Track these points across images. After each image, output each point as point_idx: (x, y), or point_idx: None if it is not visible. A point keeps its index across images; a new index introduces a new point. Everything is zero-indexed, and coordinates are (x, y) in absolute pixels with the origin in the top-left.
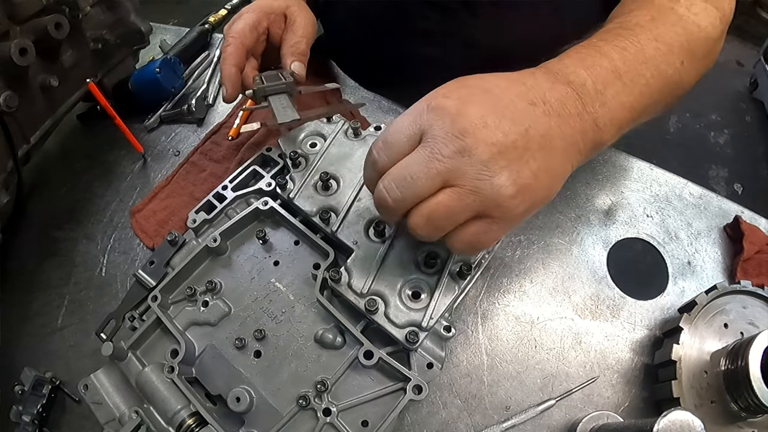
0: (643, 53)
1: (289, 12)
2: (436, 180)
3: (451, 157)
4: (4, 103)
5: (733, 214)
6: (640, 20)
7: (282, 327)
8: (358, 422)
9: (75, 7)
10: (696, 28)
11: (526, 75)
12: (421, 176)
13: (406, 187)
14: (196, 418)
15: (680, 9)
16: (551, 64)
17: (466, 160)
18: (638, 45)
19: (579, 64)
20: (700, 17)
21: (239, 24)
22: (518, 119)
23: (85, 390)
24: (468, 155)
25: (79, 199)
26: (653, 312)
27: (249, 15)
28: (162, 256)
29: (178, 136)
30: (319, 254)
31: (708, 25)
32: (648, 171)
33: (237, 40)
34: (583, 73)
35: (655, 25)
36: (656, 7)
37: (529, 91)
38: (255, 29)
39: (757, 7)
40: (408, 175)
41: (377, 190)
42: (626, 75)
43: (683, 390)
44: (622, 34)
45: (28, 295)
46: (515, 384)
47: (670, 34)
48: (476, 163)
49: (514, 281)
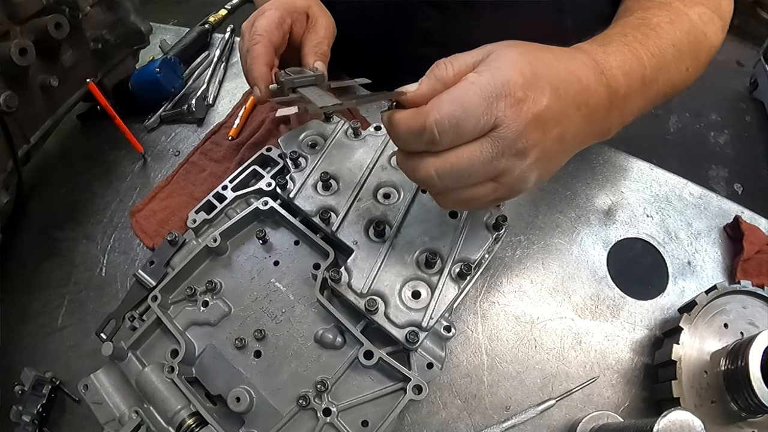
0: (663, 60)
1: (311, 12)
2: (488, 177)
3: (510, 160)
4: (4, 103)
5: (733, 214)
6: (661, 21)
7: (282, 327)
8: (358, 422)
9: (75, 7)
10: (703, 37)
11: (581, 65)
12: (479, 176)
13: (461, 181)
14: (196, 418)
15: (693, 15)
16: (600, 56)
17: (519, 163)
18: (662, 51)
19: (621, 66)
20: (707, 26)
21: (264, 21)
22: (567, 126)
23: (85, 390)
24: (523, 159)
25: (79, 199)
26: (653, 312)
27: (273, 12)
28: (162, 256)
29: (178, 136)
30: (319, 254)
31: (712, 34)
32: (648, 171)
33: (265, 38)
34: (622, 80)
35: (674, 29)
36: (673, 10)
37: (580, 93)
38: (281, 27)
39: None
40: (468, 172)
41: (426, 173)
42: (648, 82)
43: (683, 390)
44: (650, 36)
45: (28, 295)
46: (515, 384)
47: (683, 41)
48: (525, 167)
49: (514, 281)
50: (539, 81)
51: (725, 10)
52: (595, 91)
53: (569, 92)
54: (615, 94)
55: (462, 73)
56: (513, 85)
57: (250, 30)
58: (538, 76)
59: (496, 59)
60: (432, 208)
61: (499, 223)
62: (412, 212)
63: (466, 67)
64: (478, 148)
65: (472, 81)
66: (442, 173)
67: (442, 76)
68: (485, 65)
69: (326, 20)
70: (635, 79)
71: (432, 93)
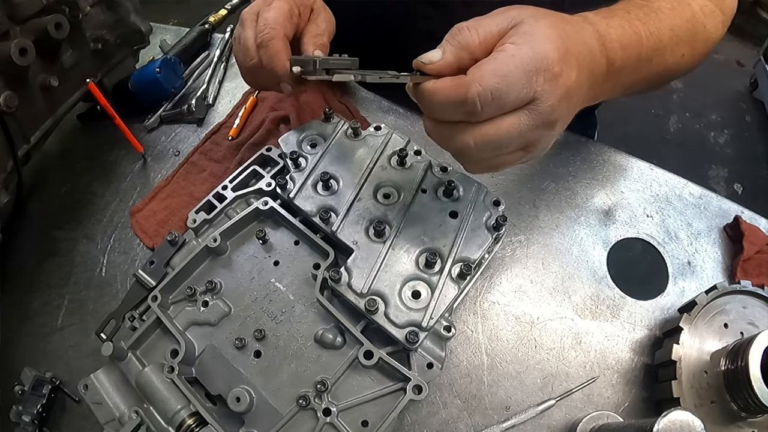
0: (660, 41)
1: (316, 5)
2: (522, 146)
3: (540, 130)
4: (4, 103)
5: (733, 214)
6: (662, 6)
7: (282, 327)
8: (358, 422)
9: (75, 7)
10: (702, 28)
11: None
12: (514, 146)
13: (497, 150)
14: (196, 418)
15: (695, 6)
16: (603, 27)
17: (547, 133)
18: (659, 33)
19: (620, 39)
20: (708, 18)
21: (273, 13)
22: (582, 97)
23: (85, 390)
24: (552, 129)
25: (79, 199)
26: (653, 312)
27: (282, 4)
28: (162, 256)
29: (178, 136)
30: (319, 254)
31: (712, 27)
32: (648, 171)
33: (279, 32)
34: (619, 53)
35: (675, 15)
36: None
37: (590, 64)
38: (291, 19)
39: (757, 7)
40: (506, 142)
41: (465, 145)
42: (643, 60)
43: (683, 390)
44: (650, 17)
45: (28, 295)
46: (515, 384)
47: (682, 27)
48: (549, 136)
49: (514, 281)
50: (570, 56)
51: (728, 5)
52: (599, 61)
53: (585, 64)
54: (612, 65)
55: (489, 40)
56: (551, 60)
57: (256, 21)
58: (569, 51)
59: (531, 32)
60: (432, 208)
61: (499, 223)
62: (412, 212)
63: (492, 34)
64: (517, 120)
65: (512, 53)
66: (480, 144)
67: (467, 42)
68: (520, 37)
69: (328, 15)
70: (631, 54)
71: (458, 62)
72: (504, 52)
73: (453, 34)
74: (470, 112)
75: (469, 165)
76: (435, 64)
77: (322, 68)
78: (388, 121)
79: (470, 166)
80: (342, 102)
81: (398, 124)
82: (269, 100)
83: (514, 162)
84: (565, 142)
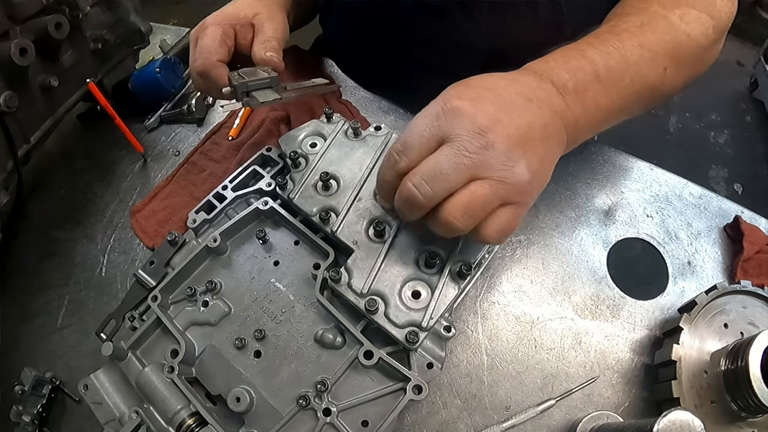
0: (625, 59)
1: (257, 20)
2: (465, 174)
3: (477, 153)
4: (4, 103)
5: (733, 214)
6: (629, 26)
7: (282, 327)
8: (358, 422)
9: (75, 7)
10: (685, 37)
11: (517, 74)
12: (452, 172)
13: (437, 182)
14: (196, 418)
15: (673, 17)
16: (536, 65)
17: (490, 153)
18: (622, 51)
19: (562, 66)
20: (692, 26)
21: (206, 41)
22: (522, 114)
23: (85, 390)
24: (491, 149)
25: (79, 199)
26: (653, 312)
27: (214, 29)
28: (162, 256)
29: (178, 136)
30: (319, 254)
31: (699, 34)
32: (648, 171)
33: (212, 60)
34: (565, 75)
35: (643, 31)
36: (648, 14)
37: (523, 89)
38: (224, 43)
39: (757, 7)
40: (438, 171)
41: (405, 188)
42: (606, 79)
43: (683, 390)
44: (609, 39)
45: (28, 295)
46: (515, 384)
47: (657, 41)
48: (499, 155)
49: (514, 281)
50: (471, 87)
51: (719, 8)
52: (538, 87)
53: (509, 90)
54: (564, 87)
55: None
56: (448, 96)
57: (195, 47)
58: (470, 84)
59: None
60: None
61: None
62: None
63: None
64: (440, 152)
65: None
66: (416, 180)
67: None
68: None
69: (275, 24)
70: (584, 75)
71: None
72: None
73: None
74: (394, 163)
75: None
76: None
77: (242, 91)
78: (388, 121)
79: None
80: (342, 102)
81: (398, 124)
82: None
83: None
84: None
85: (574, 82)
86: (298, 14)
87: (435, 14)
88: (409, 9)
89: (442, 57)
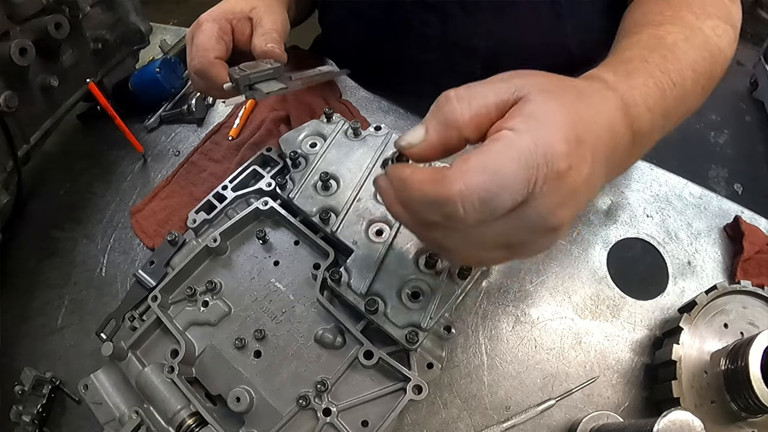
0: (684, 89)
1: (254, 14)
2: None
3: (533, 236)
4: (4, 103)
5: (733, 214)
6: (677, 39)
7: (282, 327)
8: (358, 422)
9: (75, 7)
10: (717, 51)
11: (614, 112)
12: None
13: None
14: (196, 418)
15: (706, 29)
16: (626, 91)
17: (543, 238)
18: (683, 78)
19: (645, 102)
20: (722, 39)
21: (202, 38)
22: (595, 189)
23: (85, 390)
24: (550, 235)
25: (79, 199)
26: (653, 312)
27: (210, 25)
28: (162, 256)
29: (178, 136)
30: (319, 254)
31: (727, 46)
32: (648, 171)
33: (209, 57)
34: (646, 117)
35: (690, 47)
36: (687, 25)
37: (611, 145)
38: (221, 39)
39: (757, 7)
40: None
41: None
42: (669, 116)
43: (683, 390)
44: (668, 58)
45: (28, 295)
46: (515, 384)
47: (701, 62)
48: (549, 241)
49: (514, 281)
50: (583, 148)
51: (736, 18)
52: (623, 136)
53: (603, 151)
54: (638, 134)
55: (482, 116)
56: (557, 155)
57: (191, 45)
58: (583, 141)
59: (536, 116)
60: None
61: None
62: None
63: (487, 110)
64: (503, 223)
65: (509, 144)
66: (459, 245)
67: (454, 120)
68: (523, 121)
69: (274, 17)
70: (658, 116)
71: (442, 144)
72: (498, 142)
73: (439, 105)
74: (451, 215)
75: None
76: (417, 147)
77: (244, 85)
78: (388, 121)
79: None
80: (342, 102)
81: (398, 124)
82: (269, 100)
83: (498, 261)
84: None
85: (649, 126)
86: (297, 10)
87: (435, 14)
88: (409, 9)
89: (442, 57)
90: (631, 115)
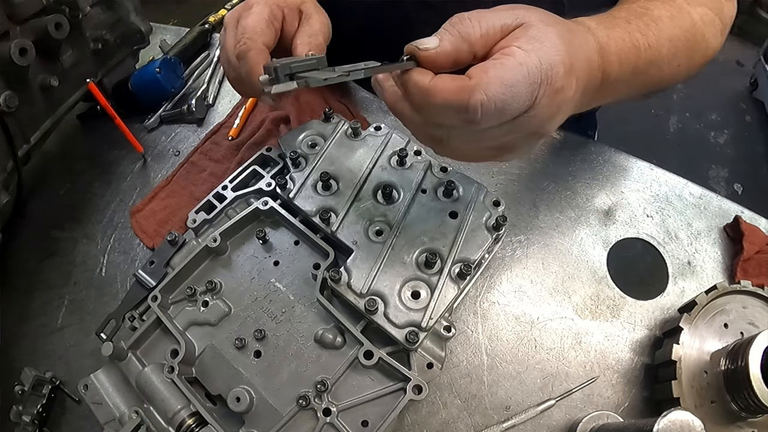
0: (658, 54)
1: (305, 7)
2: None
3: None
4: (4, 103)
5: (733, 214)
6: (662, 14)
7: (282, 327)
8: (358, 422)
9: (75, 7)
10: (701, 38)
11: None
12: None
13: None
14: (196, 418)
15: (695, 15)
16: (603, 38)
17: (530, 141)
18: (659, 44)
19: (618, 53)
20: (707, 28)
21: (252, 20)
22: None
23: (85, 390)
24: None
25: (79, 199)
26: (653, 312)
27: (261, 8)
28: (162, 256)
29: (178, 136)
30: (319, 254)
31: (711, 36)
32: (648, 171)
33: (257, 43)
34: (616, 67)
35: (674, 24)
36: (677, 6)
37: (589, 79)
38: (271, 25)
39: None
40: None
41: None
42: (639, 73)
43: (683, 390)
44: (650, 26)
45: (28, 295)
46: (515, 384)
47: (681, 38)
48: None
49: (514, 281)
50: (573, 72)
51: (727, 14)
52: (596, 77)
53: (583, 79)
54: (606, 79)
55: (490, 35)
56: (556, 74)
57: (236, 28)
58: (573, 66)
59: (540, 39)
60: (432, 208)
61: (499, 223)
62: (412, 212)
63: (494, 29)
64: (506, 127)
65: (521, 61)
66: (464, 142)
67: (468, 33)
68: (529, 42)
69: (321, 17)
70: (627, 68)
71: (456, 53)
72: (512, 58)
73: (453, 23)
74: (469, 120)
75: (439, 152)
76: (431, 51)
77: (284, 74)
78: (388, 121)
79: (440, 152)
80: (342, 102)
81: (398, 124)
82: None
83: (485, 159)
84: (565, 142)
85: (616, 75)
86: None
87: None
88: (410, 8)
89: None
90: (604, 59)
